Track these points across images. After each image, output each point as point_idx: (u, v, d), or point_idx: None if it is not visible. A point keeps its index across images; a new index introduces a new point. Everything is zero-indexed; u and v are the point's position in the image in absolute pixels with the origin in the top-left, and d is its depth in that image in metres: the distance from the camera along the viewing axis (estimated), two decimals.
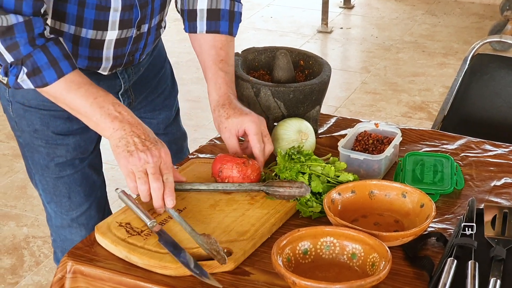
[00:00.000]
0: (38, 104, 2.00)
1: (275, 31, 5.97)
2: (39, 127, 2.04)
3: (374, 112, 4.67)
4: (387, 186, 1.84)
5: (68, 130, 2.05)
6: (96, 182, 2.17)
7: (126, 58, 2.03)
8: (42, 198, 2.19)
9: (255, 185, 1.86)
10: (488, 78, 2.78)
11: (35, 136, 2.05)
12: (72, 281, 1.69)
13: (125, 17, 1.91)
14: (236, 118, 1.93)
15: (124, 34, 1.95)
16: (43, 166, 2.09)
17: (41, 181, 2.13)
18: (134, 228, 1.74)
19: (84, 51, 1.94)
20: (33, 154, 2.09)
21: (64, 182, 2.11)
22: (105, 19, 1.89)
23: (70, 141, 2.07)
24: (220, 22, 2.05)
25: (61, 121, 2.03)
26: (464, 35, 5.83)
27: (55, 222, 2.20)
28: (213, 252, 1.62)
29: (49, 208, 2.18)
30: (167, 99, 2.31)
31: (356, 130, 2.09)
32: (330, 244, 1.67)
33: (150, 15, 1.97)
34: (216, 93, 2.00)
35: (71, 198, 2.13)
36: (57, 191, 2.12)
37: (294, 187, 1.83)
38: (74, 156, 2.09)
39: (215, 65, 2.03)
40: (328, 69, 2.18)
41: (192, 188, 1.88)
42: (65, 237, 2.20)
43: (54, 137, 2.05)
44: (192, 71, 5.20)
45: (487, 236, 1.73)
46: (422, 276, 1.64)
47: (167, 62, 2.33)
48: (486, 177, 2.00)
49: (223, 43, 2.05)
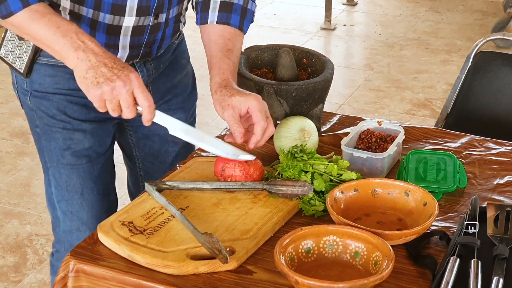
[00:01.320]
0: (54, 90, 2.02)
1: (278, 28, 5.97)
2: (56, 112, 2.05)
3: (377, 109, 4.67)
4: (390, 184, 1.84)
5: (86, 117, 2.06)
6: (110, 185, 2.17)
7: (143, 49, 2.03)
8: (52, 199, 2.15)
9: (258, 184, 1.86)
10: (491, 76, 2.78)
11: (52, 122, 2.06)
12: (75, 280, 1.69)
13: (143, 3, 1.92)
14: (240, 97, 1.88)
15: (142, 22, 1.95)
16: (58, 156, 2.08)
17: (55, 175, 2.11)
18: (137, 227, 1.74)
19: (101, 37, 1.94)
20: (50, 143, 2.08)
21: (79, 174, 2.09)
22: (122, 3, 1.90)
23: (87, 127, 2.07)
24: (231, 15, 2.03)
25: (78, 107, 2.04)
26: (467, 32, 5.82)
27: (63, 227, 2.16)
28: (215, 251, 1.62)
29: (59, 209, 2.14)
30: (184, 102, 2.28)
31: (359, 128, 2.09)
32: (333, 243, 1.67)
33: (168, 4, 1.97)
34: (219, 77, 1.95)
35: (84, 195, 2.11)
36: (70, 186, 2.10)
37: (297, 186, 1.82)
38: (91, 145, 2.09)
39: (222, 53, 2.00)
40: (331, 67, 2.17)
41: (195, 187, 1.88)
42: (72, 244, 2.11)
43: (71, 122, 2.05)
44: (195, 68, 5.15)
45: (490, 235, 1.73)
46: (425, 275, 1.64)
47: (190, 65, 2.32)
48: (489, 175, 2.00)
49: (231, 35, 2.03)
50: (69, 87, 2.02)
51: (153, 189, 1.85)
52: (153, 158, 2.29)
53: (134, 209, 1.82)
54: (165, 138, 2.23)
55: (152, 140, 2.26)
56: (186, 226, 1.72)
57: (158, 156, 2.29)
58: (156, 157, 2.29)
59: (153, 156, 2.29)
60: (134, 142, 2.28)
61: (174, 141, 2.24)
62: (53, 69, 2.01)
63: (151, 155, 2.29)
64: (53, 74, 2.02)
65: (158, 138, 2.25)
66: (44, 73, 2.02)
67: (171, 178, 1.95)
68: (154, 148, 2.28)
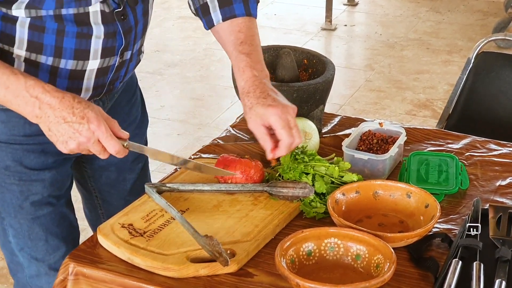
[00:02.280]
0: (8, 138, 1.87)
1: (279, 28, 5.96)
2: (11, 163, 1.89)
3: (378, 110, 4.66)
4: (392, 186, 1.83)
5: (43, 164, 1.92)
6: (73, 223, 2.06)
7: (107, 87, 1.91)
8: (10, 246, 2.00)
9: (259, 186, 1.85)
10: (493, 76, 2.77)
11: (6, 174, 1.90)
12: (74, 283, 1.68)
13: (108, 44, 1.80)
14: (259, 109, 1.79)
15: (107, 63, 1.83)
16: (16, 207, 1.93)
17: (13, 225, 1.96)
18: (137, 229, 1.74)
19: (62, 83, 1.81)
20: (4, 195, 1.93)
21: (41, 223, 1.96)
22: (86, 48, 1.78)
23: (46, 176, 1.93)
24: (233, 6, 1.93)
25: (35, 155, 1.90)
26: (468, 32, 5.82)
27: (28, 272, 2.02)
28: (216, 254, 1.61)
29: (21, 256, 2.00)
30: (137, 128, 2.14)
31: (360, 129, 2.08)
32: (334, 245, 1.66)
33: (133, 41, 1.86)
34: (242, 79, 1.86)
35: (48, 241, 1.98)
36: (33, 235, 1.96)
37: (298, 188, 1.81)
38: (51, 193, 1.95)
39: (236, 50, 1.90)
40: (332, 68, 2.16)
41: (195, 188, 1.87)
42: (41, 287, 2.03)
43: (28, 173, 1.91)
44: (196, 69, 5.19)
45: (492, 237, 1.72)
46: (427, 278, 1.63)
47: (138, 88, 2.18)
48: (491, 177, 1.99)
49: (240, 26, 1.93)
50: (24, 133, 1.87)
51: (153, 191, 1.84)
52: (111, 188, 2.18)
53: (133, 211, 1.81)
54: (122, 166, 2.14)
55: (109, 170, 2.14)
56: (186, 228, 1.71)
57: (115, 185, 2.18)
58: (113, 186, 2.18)
59: (110, 186, 2.18)
60: (89, 174, 2.16)
61: (131, 168, 2.17)
62: (6, 114, 1.84)
63: (108, 185, 2.18)
64: (5, 120, 1.85)
65: (114, 168, 2.14)
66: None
67: (172, 179, 1.94)
68: (111, 178, 2.16)
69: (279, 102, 1.81)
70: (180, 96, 4.82)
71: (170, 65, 5.24)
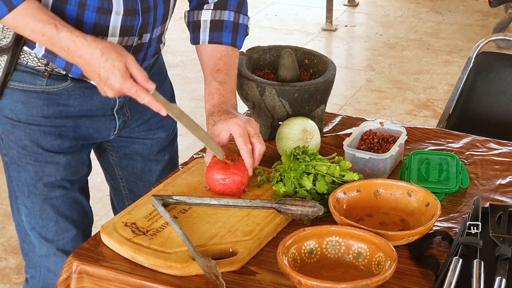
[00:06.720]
0: (27, 118, 1.93)
1: (279, 29, 5.96)
2: (28, 143, 1.94)
3: (379, 110, 4.67)
4: (393, 185, 1.84)
5: (59, 148, 1.97)
6: (86, 209, 2.09)
7: None
8: (23, 225, 2.05)
9: (267, 203, 1.82)
10: (493, 76, 2.78)
11: (23, 153, 1.95)
12: (78, 281, 1.69)
13: (127, 22, 1.86)
14: (221, 124, 1.88)
15: (125, 42, 1.89)
16: (30, 187, 1.98)
17: (26, 204, 2.01)
18: (140, 228, 1.74)
19: None
20: (20, 174, 1.98)
21: (52, 204, 2.00)
22: (106, 23, 1.84)
23: (61, 159, 1.98)
24: (223, 33, 2.01)
25: (51, 138, 1.95)
26: (468, 33, 5.82)
27: (38, 252, 2.06)
28: (212, 277, 1.60)
29: (32, 235, 2.05)
30: (164, 119, 2.13)
31: (361, 129, 2.09)
32: (336, 244, 1.67)
33: (152, 24, 1.92)
34: (209, 103, 1.95)
35: (58, 223, 2.02)
36: (44, 215, 2.01)
37: (307, 206, 1.78)
38: (64, 177, 1.99)
39: (211, 76, 1.98)
40: (333, 68, 2.17)
41: (202, 202, 1.84)
42: (49, 268, 2.07)
43: (44, 154, 1.96)
44: (197, 69, 5.19)
45: (493, 235, 1.73)
46: (428, 275, 1.64)
47: (168, 81, 2.23)
48: (491, 176, 2.00)
49: (222, 54, 2.01)
50: (43, 114, 1.92)
51: (159, 204, 1.82)
52: (137, 178, 2.22)
53: (136, 210, 1.82)
54: (148, 157, 2.18)
55: (134, 159, 2.19)
56: (187, 246, 1.68)
57: (142, 176, 2.22)
58: (140, 177, 2.22)
59: (136, 175, 2.22)
60: (116, 162, 2.20)
61: (157, 159, 2.20)
62: (25, 94, 1.91)
63: (134, 175, 2.22)
64: (25, 100, 1.92)
65: (140, 157, 2.18)
66: (16, 99, 1.92)
67: (173, 179, 1.95)
68: (137, 168, 2.20)
69: (242, 115, 1.89)
70: (181, 97, 4.83)
71: (171, 66, 5.24)
